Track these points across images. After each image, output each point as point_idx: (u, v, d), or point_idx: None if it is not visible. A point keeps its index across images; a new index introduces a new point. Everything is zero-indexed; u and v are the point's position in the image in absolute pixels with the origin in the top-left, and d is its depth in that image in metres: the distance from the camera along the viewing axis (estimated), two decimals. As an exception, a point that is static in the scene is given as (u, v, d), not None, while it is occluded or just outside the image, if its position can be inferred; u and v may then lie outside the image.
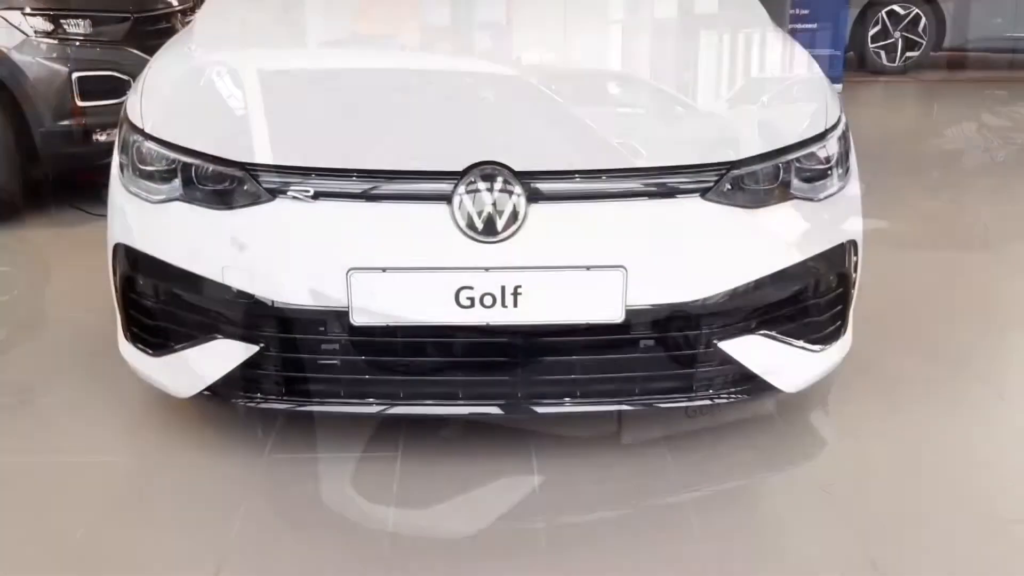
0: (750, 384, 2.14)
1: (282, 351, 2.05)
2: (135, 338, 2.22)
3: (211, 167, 2.04)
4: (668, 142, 2.07)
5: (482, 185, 1.94)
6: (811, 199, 2.14)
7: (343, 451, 2.26)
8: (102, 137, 4.11)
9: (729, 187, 2.03)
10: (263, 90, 2.21)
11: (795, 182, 2.13)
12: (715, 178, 2.02)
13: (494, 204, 1.93)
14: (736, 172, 2.04)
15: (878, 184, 4.68)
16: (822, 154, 2.18)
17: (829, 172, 2.19)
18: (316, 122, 2.11)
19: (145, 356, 2.20)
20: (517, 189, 1.95)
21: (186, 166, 2.07)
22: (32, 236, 4.00)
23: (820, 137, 2.18)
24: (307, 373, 2.08)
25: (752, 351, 2.10)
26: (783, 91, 2.34)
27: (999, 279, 3.59)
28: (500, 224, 1.94)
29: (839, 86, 8.12)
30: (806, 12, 7.79)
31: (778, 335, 2.14)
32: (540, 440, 2.29)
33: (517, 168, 1.96)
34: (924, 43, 8.94)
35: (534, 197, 1.96)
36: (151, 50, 4.27)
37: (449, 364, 2.07)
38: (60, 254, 3.79)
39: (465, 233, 1.94)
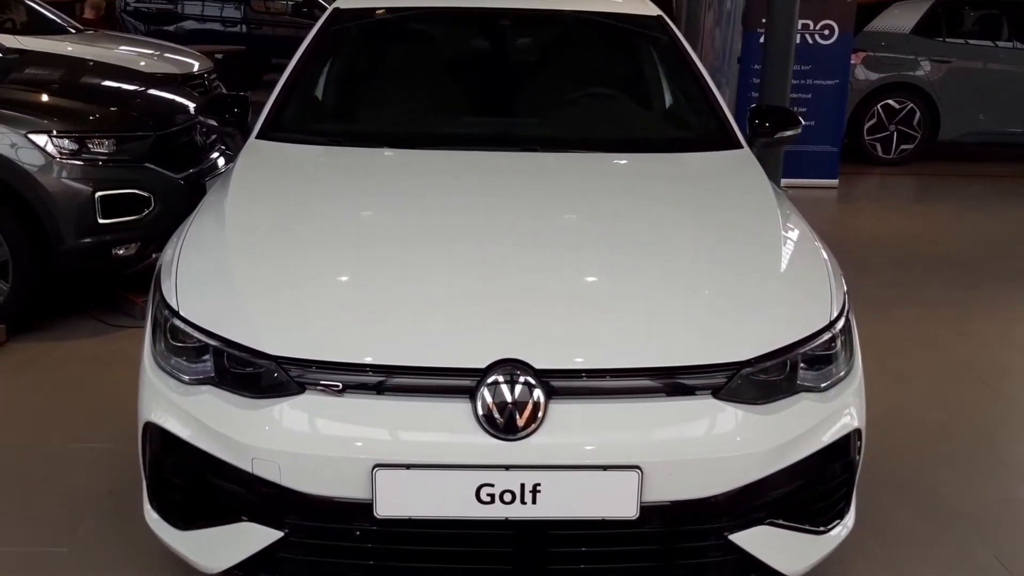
0: (758, 572, 2.20)
1: (306, 538, 2.11)
2: (161, 509, 2.29)
3: (241, 355, 2.13)
4: (684, 343, 2.15)
5: (503, 381, 2.02)
6: (817, 388, 2.23)
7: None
8: (121, 251, 4.20)
9: (739, 383, 2.12)
10: (291, 284, 2.29)
11: (802, 373, 2.22)
12: (727, 376, 2.11)
13: (514, 402, 2.01)
14: (747, 370, 2.13)
15: (874, 303, 4.73)
16: (827, 342, 2.27)
17: (835, 358, 2.29)
18: (342, 318, 2.19)
19: (171, 528, 2.26)
20: (538, 387, 2.03)
21: (218, 351, 2.16)
22: (51, 349, 4.06)
23: (826, 328, 2.27)
24: (326, 558, 2.14)
25: (760, 541, 2.16)
26: (789, 283, 2.42)
27: (1002, 417, 3.66)
28: (520, 422, 2.01)
29: (835, 180, 8.30)
30: (803, 110, 7.93)
31: (784, 523, 2.20)
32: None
33: (538, 366, 2.05)
34: (919, 136, 9.14)
35: (553, 394, 2.04)
36: (172, 166, 4.43)
37: (462, 553, 2.12)
38: (79, 369, 3.85)
39: (486, 430, 2.02)
